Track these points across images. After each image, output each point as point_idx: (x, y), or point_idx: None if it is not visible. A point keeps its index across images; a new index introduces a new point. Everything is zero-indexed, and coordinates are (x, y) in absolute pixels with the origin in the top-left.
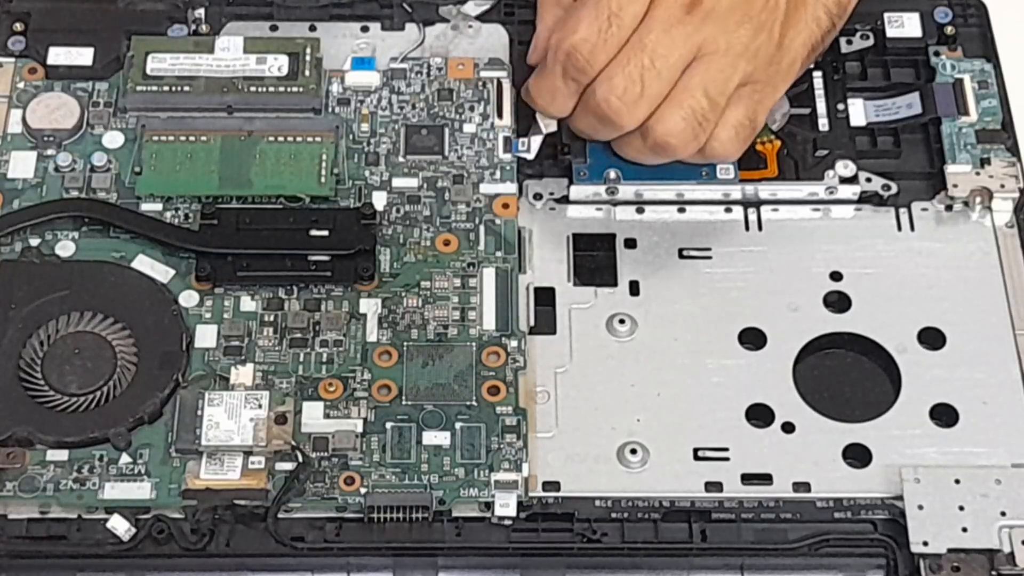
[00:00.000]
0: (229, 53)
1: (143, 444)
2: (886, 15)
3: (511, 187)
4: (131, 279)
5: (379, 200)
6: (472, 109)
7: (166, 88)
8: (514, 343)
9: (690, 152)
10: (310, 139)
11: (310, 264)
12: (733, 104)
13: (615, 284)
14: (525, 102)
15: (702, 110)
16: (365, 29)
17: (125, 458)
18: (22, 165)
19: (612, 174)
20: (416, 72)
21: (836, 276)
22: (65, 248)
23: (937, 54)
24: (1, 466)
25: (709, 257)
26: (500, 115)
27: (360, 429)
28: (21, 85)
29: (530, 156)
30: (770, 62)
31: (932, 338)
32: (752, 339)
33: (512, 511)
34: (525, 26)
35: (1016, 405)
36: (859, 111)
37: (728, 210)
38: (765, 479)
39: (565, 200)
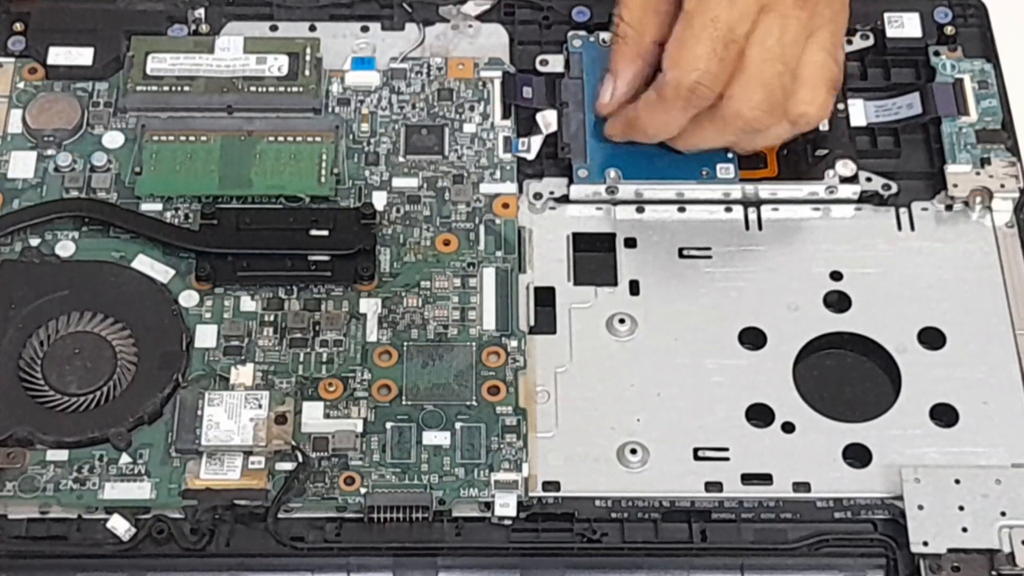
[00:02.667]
0: (229, 53)
1: (143, 444)
2: (886, 15)
3: (511, 187)
4: (131, 279)
5: (379, 200)
6: (472, 109)
7: (166, 88)
8: (514, 343)
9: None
10: (310, 139)
11: (310, 264)
12: (838, 48)
13: (615, 284)
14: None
15: (837, 77)
16: (365, 29)
17: (125, 458)
18: (22, 165)
19: (612, 174)
20: (416, 72)
21: (836, 276)
22: (65, 248)
23: (937, 54)
24: (1, 466)
25: (709, 257)
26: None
27: (360, 429)
28: (21, 85)
29: (530, 156)
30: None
31: (932, 338)
32: (752, 339)
33: (512, 511)
34: (525, 26)
35: (1016, 405)
36: (859, 111)
37: (728, 210)
38: (765, 479)
39: (565, 200)
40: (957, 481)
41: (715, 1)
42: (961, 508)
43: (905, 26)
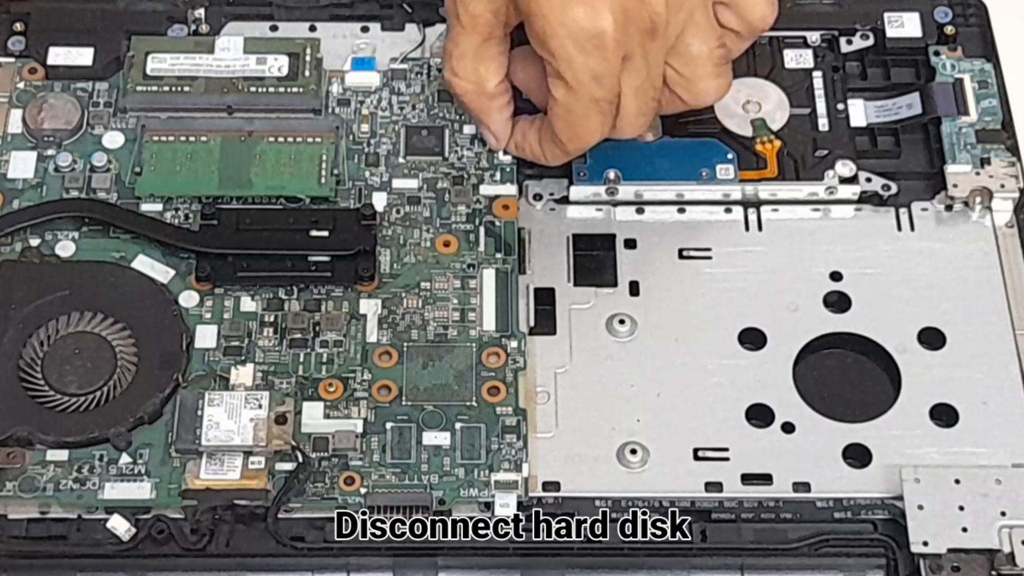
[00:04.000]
0: (229, 53)
1: (143, 444)
2: (886, 15)
3: (511, 188)
4: (131, 279)
5: (379, 201)
6: None
7: (166, 88)
8: (514, 343)
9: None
10: (310, 139)
11: (310, 264)
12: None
13: (615, 284)
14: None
15: (723, 54)
16: (365, 29)
17: (125, 458)
18: (22, 165)
19: (612, 174)
20: (416, 72)
21: (836, 276)
22: (65, 248)
23: (937, 54)
24: (1, 466)
25: (709, 257)
26: None
27: (360, 429)
28: (21, 85)
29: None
30: None
31: (932, 338)
32: (752, 339)
33: (512, 511)
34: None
35: (1016, 405)
36: (859, 111)
37: (728, 210)
38: (765, 479)
39: (565, 200)
40: (957, 481)
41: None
42: (961, 508)
43: (905, 26)
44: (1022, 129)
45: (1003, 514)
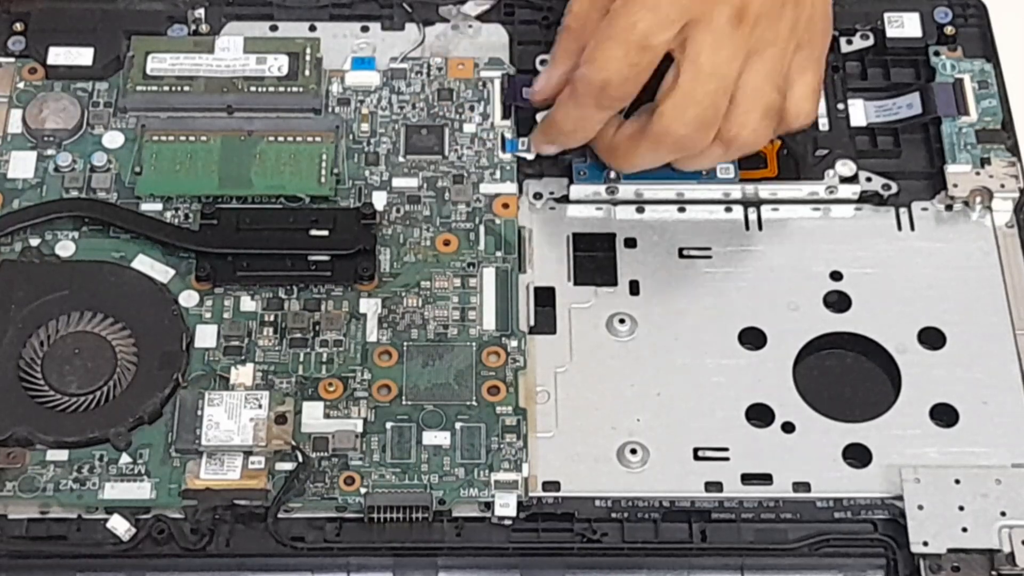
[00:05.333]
0: (229, 53)
1: (143, 444)
2: (886, 15)
3: (511, 187)
4: (131, 279)
5: (379, 200)
6: (472, 109)
7: (166, 88)
8: (514, 343)
9: (767, 141)
10: (310, 139)
11: (310, 264)
12: (798, 76)
13: (615, 284)
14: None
15: (775, 103)
16: (365, 29)
17: (125, 458)
18: (22, 165)
19: (612, 174)
20: (416, 72)
21: (836, 276)
22: (65, 248)
23: (937, 54)
24: (1, 466)
25: (709, 257)
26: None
27: (360, 429)
28: (21, 85)
29: (530, 156)
30: (814, 22)
31: (932, 338)
32: (752, 339)
33: (512, 511)
34: (525, 26)
35: (1016, 405)
36: (859, 111)
37: (728, 210)
38: (765, 479)
39: (565, 200)
40: (957, 481)
41: (638, 5)
42: (961, 508)
43: (905, 26)
44: (1022, 129)
45: (1003, 514)
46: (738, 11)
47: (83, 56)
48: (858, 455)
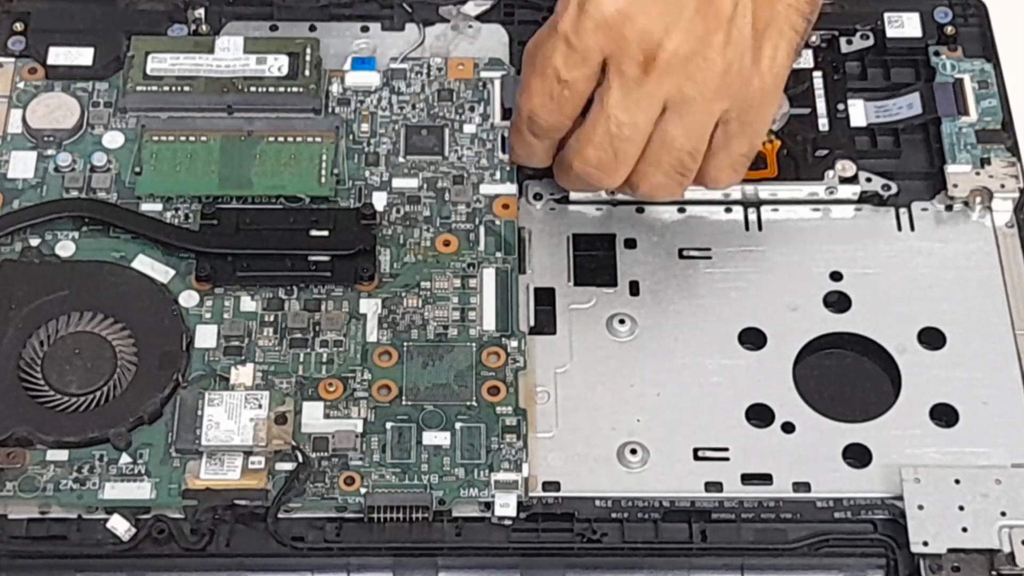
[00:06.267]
0: (229, 53)
1: (143, 444)
2: (886, 15)
3: (511, 187)
4: (131, 279)
5: (379, 200)
6: (472, 109)
7: (166, 88)
8: (514, 343)
9: (680, 194)
10: (310, 139)
11: (310, 264)
12: (723, 144)
13: (615, 284)
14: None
15: (682, 163)
16: (365, 29)
17: (125, 458)
18: (22, 165)
19: None
20: (416, 72)
21: (836, 276)
22: (65, 248)
23: (937, 54)
24: (1, 466)
25: (709, 257)
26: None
27: (360, 429)
28: (21, 85)
29: None
30: (749, 88)
31: (932, 338)
32: (752, 339)
33: (512, 511)
34: (525, 26)
35: (1016, 405)
36: (859, 111)
37: (728, 210)
38: (765, 479)
39: (565, 200)
40: (957, 481)
41: (558, 39)
42: (961, 508)
43: (905, 26)
44: (1022, 129)
45: (1003, 514)
46: (647, 57)
47: (83, 56)
48: (858, 455)
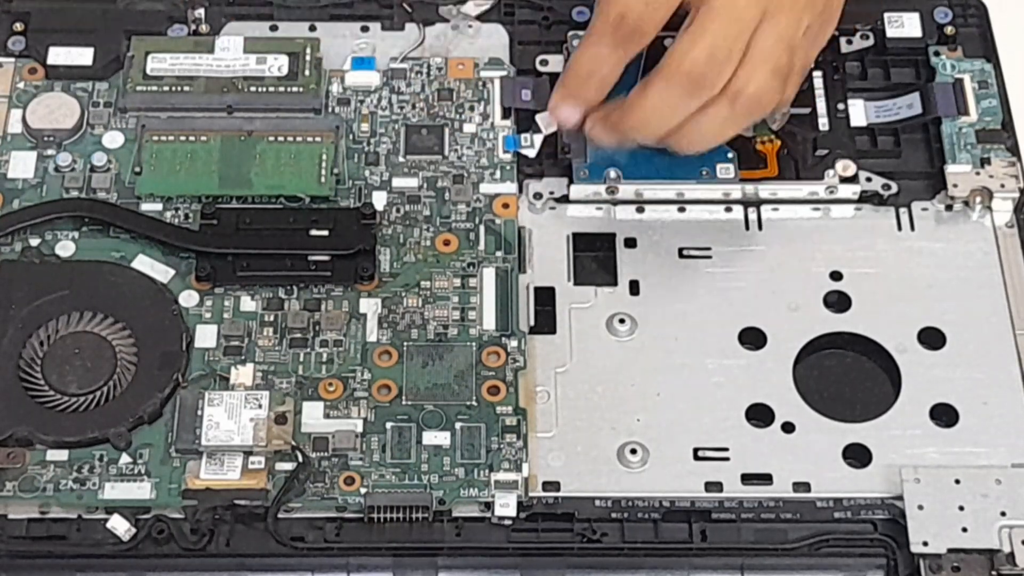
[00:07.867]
0: (229, 53)
1: (143, 444)
2: (886, 15)
3: (511, 187)
4: (131, 279)
5: (379, 200)
6: (472, 109)
7: (166, 88)
8: (514, 343)
9: (773, 106)
10: (310, 139)
11: (310, 264)
12: (799, 52)
13: (615, 284)
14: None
15: (785, 64)
16: (365, 29)
17: (125, 458)
18: (22, 165)
19: (612, 174)
20: (416, 72)
21: (836, 276)
22: (65, 248)
23: (937, 54)
24: (1, 466)
25: (709, 257)
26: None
27: (360, 429)
28: (21, 85)
29: (532, 153)
30: (825, 7)
31: (932, 338)
32: (752, 339)
33: (512, 511)
34: (525, 26)
35: (1016, 405)
36: (859, 111)
37: (728, 210)
38: (765, 479)
39: (565, 200)
40: (957, 481)
41: None
42: (961, 508)
43: (905, 26)
44: (1022, 129)
45: (1003, 514)
46: None
47: (83, 56)
48: (858, 455)
